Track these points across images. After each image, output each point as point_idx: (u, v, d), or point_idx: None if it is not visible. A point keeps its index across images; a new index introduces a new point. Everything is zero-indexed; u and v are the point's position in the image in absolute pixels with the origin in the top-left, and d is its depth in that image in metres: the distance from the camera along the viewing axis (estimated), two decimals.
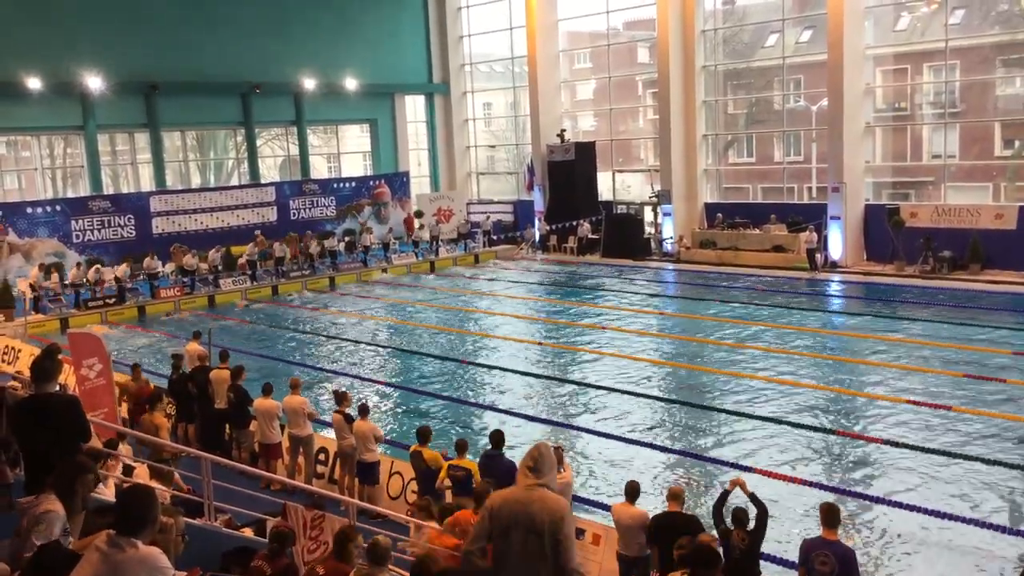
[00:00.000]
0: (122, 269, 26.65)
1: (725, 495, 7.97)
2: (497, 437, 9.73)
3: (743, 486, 7.80)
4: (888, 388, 15.23)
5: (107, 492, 7.54)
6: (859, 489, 11.09)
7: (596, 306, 24.11)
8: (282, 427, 12.24)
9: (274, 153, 37.24)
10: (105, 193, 30.05)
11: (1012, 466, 11.43)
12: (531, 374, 17.51)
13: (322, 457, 12.28)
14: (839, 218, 27.33)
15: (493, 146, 41.51)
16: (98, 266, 26.58)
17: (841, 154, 27.18)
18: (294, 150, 35.85)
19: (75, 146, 31.30)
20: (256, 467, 11.79)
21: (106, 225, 28.69)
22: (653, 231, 33.14)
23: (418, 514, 8.40)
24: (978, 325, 19.37)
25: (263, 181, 33.87)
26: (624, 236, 32.23)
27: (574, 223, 33.10)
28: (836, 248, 27.52)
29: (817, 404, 14.64)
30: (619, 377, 16.66)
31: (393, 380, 17.78)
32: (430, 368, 18.44)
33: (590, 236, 33.07)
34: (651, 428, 13.86)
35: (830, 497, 10.17)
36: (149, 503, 4.51)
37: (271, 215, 32.38)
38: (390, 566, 6.48)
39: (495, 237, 35.28)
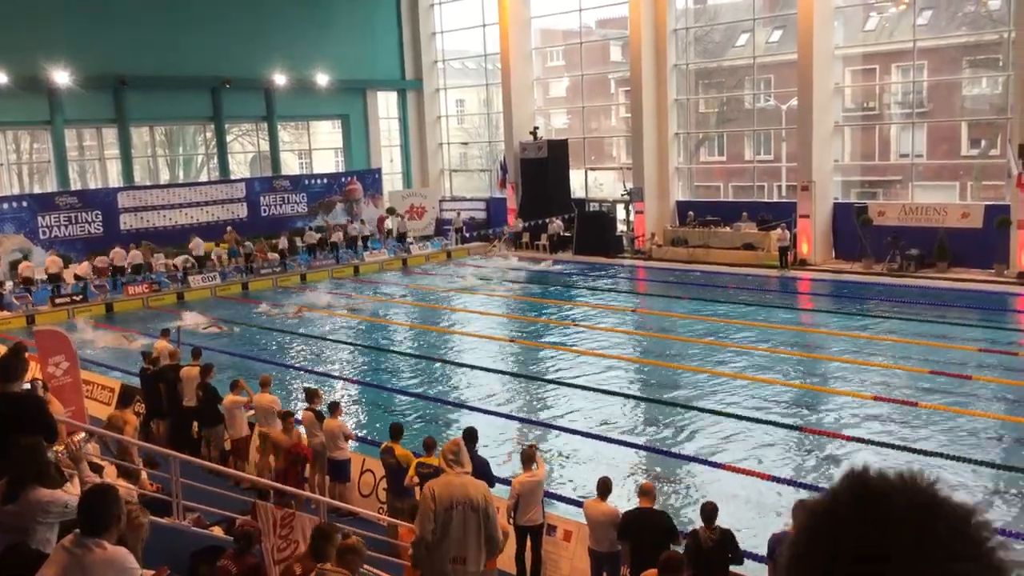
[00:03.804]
0: (83, 267, 26.34)
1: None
2: (470, 434, 9.74)
3: None
4: (855, 384, 15.39)
5: (73, 490, 7.46)
6: (826, 484, 11.21)
7: (568, 303, 24.16)
8: (252, 425, 12.16)
9: (244, 149, 36.97)
10: (72, 189, 29.69)
11: (978, 462, 11.60)
12: (503, 371, 17.53)
13: None
14: (808, 216, 27.58)
15: (466, 143, 41.45)
16: (54, 254, 26.26)
17: (810, 153, 27.42)
18: (264, 146, 35.60)
19: (42, 141, 30.90)
20: (226, 465, 11.71)
21: (73, 221, 28.35)
22: (625, 229, 33.27)
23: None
24: (944, 322, 19.63)
25: (233, 177, 33.61)
26: (596, 233, 32.33)
27: (546, 220, 33.15)
28: (805, 246, 27.77)
29: (786, 400, 14.78)
30: (591, 374, 16.71)
31: (365, 378, 17.73)
32: (402, 365, 18.40)
33: (562, 233, 33.12)
34: (623, 425, 13.92)
35: (798, 493, 10.30)
36: (112, 502, 4.49)
37: (241, 211, 32.14)
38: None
39: (468, 235, 35.24)
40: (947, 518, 0.95)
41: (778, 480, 11.21)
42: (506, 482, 9.67)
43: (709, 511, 7.53)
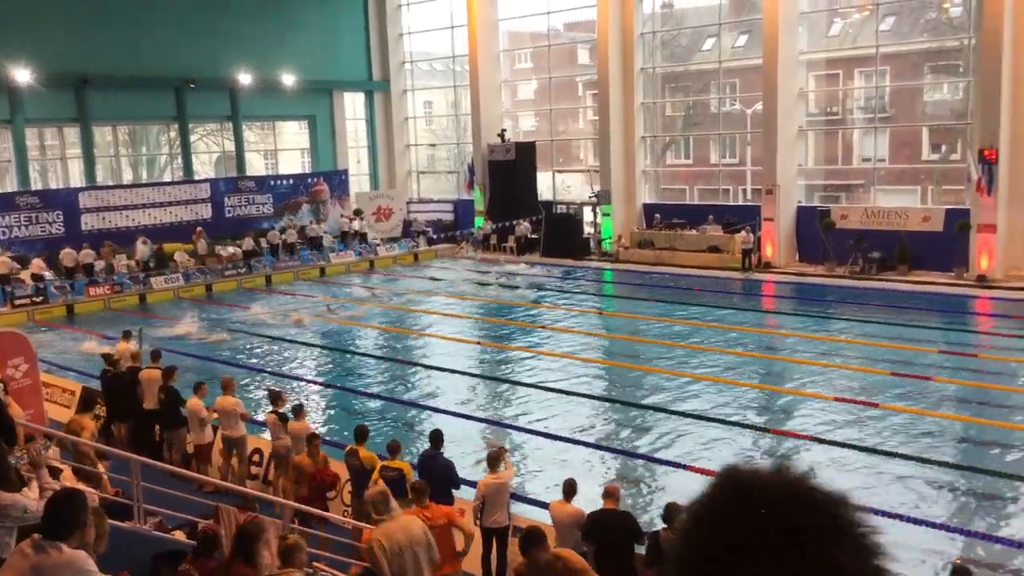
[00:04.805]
0: (38, 263, 25.95)
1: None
2: (436, 437, 9.72)
3: None
4: (817, 386, 15.57)
5: (32, 494, 7.35)
6: None
7: (535, 305, 24.20)
8: (215, 428, 12.05)
9: (209, 149, 36.63)
10: (33, 189, 29.24)
11: (938, 463, 11.78)
12: (470, 373, 17.52)
13: (256, 458, 12.11)
14: (772, 219, 27.86)
15: (434, 145, 41.39)
16: (4, 255, 25.80)
17: (775, 157, 27.70)
18: (229, 146, 35.30)
19: (2, 140, 30.38)
20: (189, 469, 11.59)
21: (34, 221, 27.91)
22: (592, 231, 33.40)
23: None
24: (905, 324, 19.90)
25: (197, 177, 33.29)
26: (563, 236, 32.41)
27: (513, 223, 33.19)
28: (769, 249, 28.05)
29: (750, 402, 14.91)
30: (557, 376, 16.74)
31: (330, 380, 17.63)
32: (368, 368, 18.32)
33: (529, 235, 33.17)
34: (589, 426, 13.96)
35: None
36: (78, 507, 4.48)
37: (205, 212, 31.82)
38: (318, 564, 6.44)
39: (435, 236, 35.18)
40: (814, 507, 1.02)
41: None
42: (472, 484, 9.66)
43: (670, 512, 7.59)
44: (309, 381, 17.43)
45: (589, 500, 9.66)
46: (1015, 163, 23.91)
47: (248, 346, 20.61)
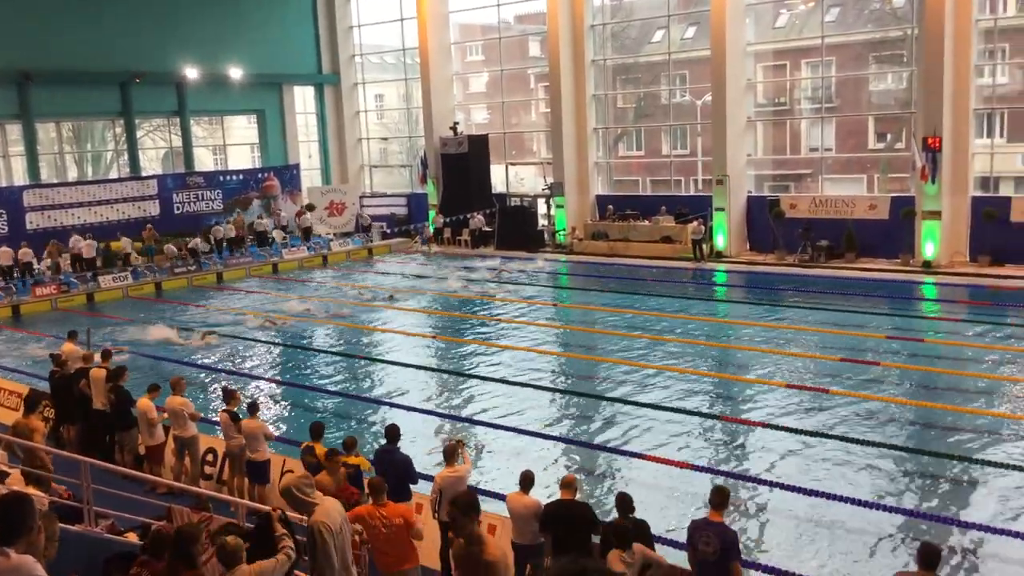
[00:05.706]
0: None
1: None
2: (392, 432, 9.68)
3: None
4: (769, 372, 15.79)
5: None
6: (742, 471, 11.49)
7: (490, 299, 24.20)
8: (167, 429, 11.88)
9: (156, 145, 36.03)
10: None
11: (887, 446, 12.02)
12: (426, 368, 17.48)
13: (210, 458, 11.97)
14: (723, 209, 28.17)
15: (386, 139, 41.14)
16: None
17: (724, 147, 28.01)
18: (177, 142, 34.75)
19: None
20: (142, 470, 11.41)
21: None
22: (546, 223, 33.48)
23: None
24: (853, 311, 20.27)
25: (144, 174, 32.71)
26: (518, 228, 32.43)
27: (467, 216, 33.15)
28: (720, 238, 28.36)
29: (703, 390, 15.08)
30: (513, 369, 16.79)
31: (284, 377, 17.47)
32: (323, 364, 18.19)
33: (484, 228, 33.14)
34: (546, 419, 14.01)
35: (717, 480, 10.53)
36: (27, 511, 4.38)
37: (153, 209, 31.31)
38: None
39: (389, 231, 35.01)
40: None
41: (697, 468, 11.43)
42: (430, 478, 9.63)
43: (621, 502, 7.65)
44: (265, 379, 17.25)
45: (547, 491, 9.71)
46: (957, 151, 24.46)
47: (206, 345, 20.31)
